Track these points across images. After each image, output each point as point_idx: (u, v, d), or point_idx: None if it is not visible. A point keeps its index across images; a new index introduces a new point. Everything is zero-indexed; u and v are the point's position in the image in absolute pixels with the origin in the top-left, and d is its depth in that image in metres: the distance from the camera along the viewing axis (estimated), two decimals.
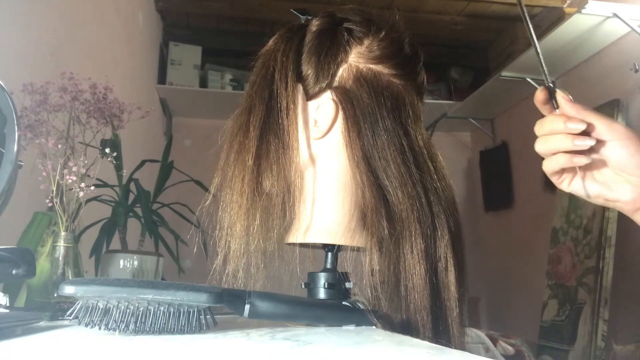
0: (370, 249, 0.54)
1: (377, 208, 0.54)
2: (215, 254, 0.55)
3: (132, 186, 1.02)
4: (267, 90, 0.59)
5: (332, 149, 0.59)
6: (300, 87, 0.60)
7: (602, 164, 0.51)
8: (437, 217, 0.55)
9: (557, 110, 0.52)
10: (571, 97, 0.50)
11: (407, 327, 0.52)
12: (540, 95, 0.52)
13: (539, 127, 0.52)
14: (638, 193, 0.49)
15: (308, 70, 0.59)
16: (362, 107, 0.57)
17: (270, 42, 0.63)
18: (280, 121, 0.57)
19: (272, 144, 0.56)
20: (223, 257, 0.55)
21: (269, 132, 0.57)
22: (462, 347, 0.56)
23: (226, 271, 0.54)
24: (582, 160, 0.49)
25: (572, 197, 2.08)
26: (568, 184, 0.53)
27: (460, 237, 0.58)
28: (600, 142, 0.49)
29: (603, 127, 0.49)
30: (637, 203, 0.49)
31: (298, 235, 0.59)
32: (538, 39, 2.22)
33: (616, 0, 1.78)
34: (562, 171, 0.52)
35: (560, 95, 0.51)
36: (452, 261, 0.55)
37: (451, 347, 0.46)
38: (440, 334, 0.54)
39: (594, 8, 1.76)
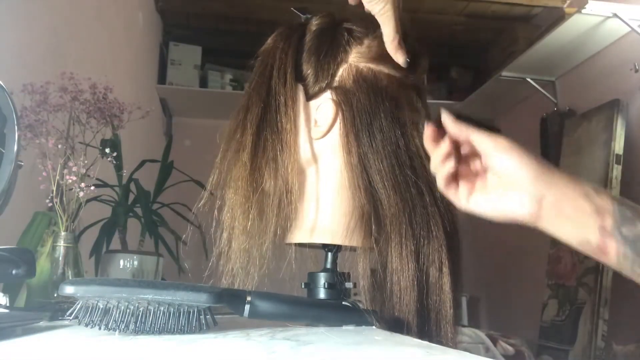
0: (364, 250, 0.54)
1: (370, 210, 0.54)
2: (216, 254, 0.55)
3: (132, 186, 1.02)
4: (265, 88, 0.59)
5: (332, 149, 0.59)
6: (300, 87, 0.60)
7: (494, 178, 0.51)
8: (432, 217, 0.55)
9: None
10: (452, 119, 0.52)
11: (397, 328, 0.52)
12: (428, 130, 0.53)
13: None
14: (535, 204, 0.48)
15: (308, 70, 0.59)
16: (360, 108, 0.57)
17: (269, 40, 0.63)
18: (278, 118, 0.57)
19: (269, 141, 0.56)
20: (222, 255, 0.55)
21: (266, 129, 0.57)
22: (455, 347, 0.56)
23: (225, 270, 0.54)
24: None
25: None
26: (466, 201, 0.52)
27: (457, 237, 0.58)
28: (486, 156, 0.50)
29: (486, 141, 0.50)
30: (535, 213, 0.49)
31: (298, 235, 0.59)
32: (538, 39, 2.20)
33: (616, 0, 1.78)
34: (454, 186, 0.53)
35: (444, 118, 0.53)
36: (446, 262, 0.54)
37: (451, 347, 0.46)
38: (430, 335, 0.53)
39: (594, 8, 1.76)
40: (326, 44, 0.60)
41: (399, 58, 0.58)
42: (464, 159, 0.53)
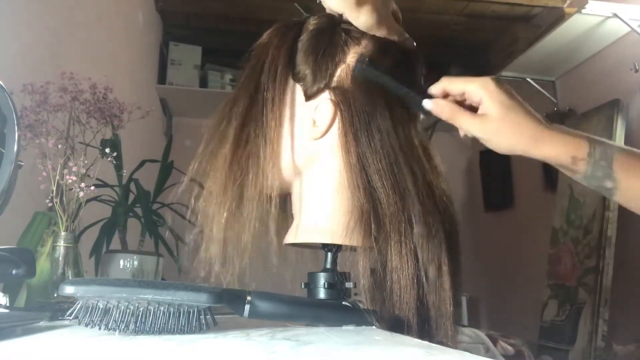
0: (364, 250, 0.54)
1: (369, 209, 0.54)
2: (189, 240, 0.55)
3: (132, 186, 1.02)
4: (254, 82, 0.59)
5: (330, 148, 0.59)
6: (293, 85, 0.60)
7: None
8: (432, 216, 0.55)
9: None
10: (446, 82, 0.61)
11: (397, 327, 0.52)
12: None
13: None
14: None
15: (306, 70, 0.59)
16: (359, 108, 0.57)
17: (265, 36, 0.63)
18: (264, 113, 0.57)
19: (252, 135, 0.56)
20: (198, 244, 0.55)
21: (250, 123, 0.57)
22: (455, 347, 0.55)
23: (201, 258, 0.54)
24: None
25: (572, 197, 2.08)
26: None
27: (456, 236, 0.58)
28: (480, 103, 0.57)
29: (478, 90, 0.58)
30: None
31: (298, 235, 0.59)
32: (538, 39, 2.20)
33: (616, 0, 1.78)
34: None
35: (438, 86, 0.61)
36: (446, 260, 0.54)
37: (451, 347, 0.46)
38: (430, 333, 0.53)
39: (594, 8, 1.76)
40: (324, 44, 0.60)
41: (409, 45, 0.62)
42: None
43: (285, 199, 0.65)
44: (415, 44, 0.64)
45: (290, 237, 0.60)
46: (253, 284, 0.54)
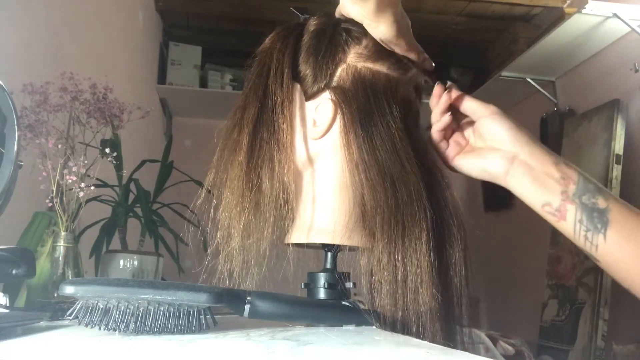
0: (369, 249, 0.54)
1: (370, 209, 0.54)
2: (212, 253, 0.55)
3: (132, 186, 1.02)
4: (261, 88, 0.59)
5: (331, 148, 0.59)
6: (298, 87, 0.60)
7: (478, 141, 0.61)
8: (436, 214, 0.55)
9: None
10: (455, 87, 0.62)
11: (409, 328, 0.52)
12: (437, 88, 0.63)
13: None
14: (507, 161, 0.57)
15: (306, 70, 0.59)
16: (360, 107, 0.57)
17: (267, 41, 0.63)
18: (274, 118, 0.57)
19: (265, 141, 0.56)
20: (220, 254, 0.55)
21: (262, 129, 0.57)
22: (462, 347, 0.56)
23: (222, 269, 0.54)
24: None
25: None
26: (452, 159, 0.61)
27: (463, 233, 0.58)
28: (477, 120, 0.60)
29: (480, 107, 0.60)
30: (506, 170, 0.58)
31: (298, 235, 0.59)
32: (538, 39, 2.21)
33: (616, 0, 1.78)
34: (445, 145, 0.62)
35: (450, 84, 0.63)
36: (455, 258, 0.55)
37: (451, 347, 0.46)
38: (443, 334, 0.53)
39: (594, 8, 1.76)
40: (324, 44, 0.60)
41: (428, 66, 0.64)
42: (458, 127, 0.63)
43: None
44: (434, 65, 0.64)
45: (290, 237, 0.60)
46: (247, 281, 0.54)
